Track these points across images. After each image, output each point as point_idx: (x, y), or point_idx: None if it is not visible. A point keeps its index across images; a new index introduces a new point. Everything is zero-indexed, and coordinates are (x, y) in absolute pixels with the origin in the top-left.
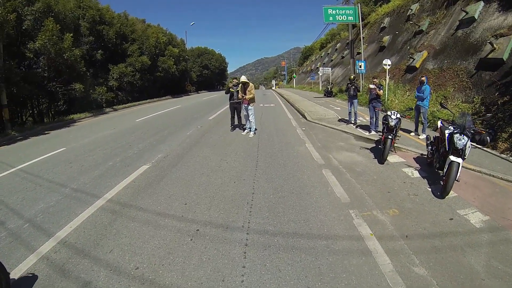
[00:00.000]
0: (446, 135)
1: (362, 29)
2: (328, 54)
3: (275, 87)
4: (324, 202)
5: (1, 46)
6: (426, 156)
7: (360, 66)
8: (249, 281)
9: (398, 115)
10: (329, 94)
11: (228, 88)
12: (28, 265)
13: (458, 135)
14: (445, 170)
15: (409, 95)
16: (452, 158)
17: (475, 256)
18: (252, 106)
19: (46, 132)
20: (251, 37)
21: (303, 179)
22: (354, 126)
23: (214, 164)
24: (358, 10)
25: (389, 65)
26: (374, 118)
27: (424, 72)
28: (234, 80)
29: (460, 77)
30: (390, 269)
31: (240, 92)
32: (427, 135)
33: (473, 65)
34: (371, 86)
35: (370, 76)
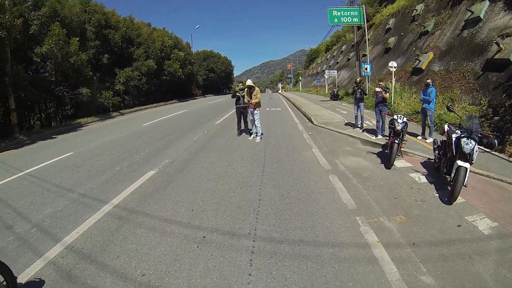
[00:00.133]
0: (453, 139)
1: (367, 30)
2: (333, 56)
3: (281, 91)
4: (330, 209)
5: (8, 51)
6: (433, 160)
7: (366, 69)
8: None
9: (405, 119)
10: (335, 97)
11: (234, 92)
12: (35, 269)
13: (465, 139)
14: (452, 175)
15: (415, 98)
16: (459, 163)
17: (483, 264)
18: (258, 111)
19: (54, 136)
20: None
21: (310, 185)
22: (361, 130)
23: (220, 169)
24: (363, 12)
25: (395, 67)
26: (381, 122)
27: (430, 74)
28: (240, 84)
29: (466, 78)
30: (397, 277)
31: (246, 96)
32: (434, 139)
33: (479, 66)
34: (377, 89)
35: (376, 78)
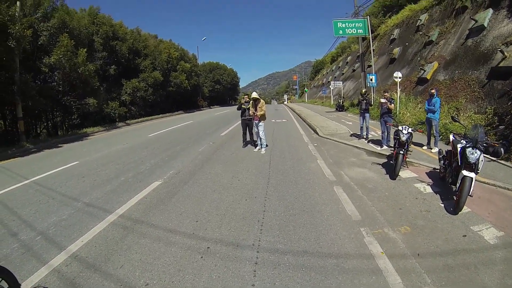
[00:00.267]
0: (459, 149)
1: (372, 41)
2: (339, 67)
3: (287, 102)
4: (335, 220)
5: (17, 60)
6: (438, 170)
7: (371, 79)
8: None
9: (410, 130)
10: (340, 108)
11: (240, 104)
12: (39, 277)
13: (470, 149)
14: (458, 185)
15: (420, 108)
16: (465, 172)
17: (489, 274)
18: (262, 123)
19: (60, 145)
20: (263, 51)
21: (314, 197)
22: (366, 141)
23: (225, 181)
24: (368, 23)
25: (400, 77)
26: (386, 133)
27: (435, 83)
28: (245, 96)
29: (471, 87)
30: None
31: (251, 108)
32: (440, 149)
33: (484, 74)
34: (382, 100)
35: (381, 89)
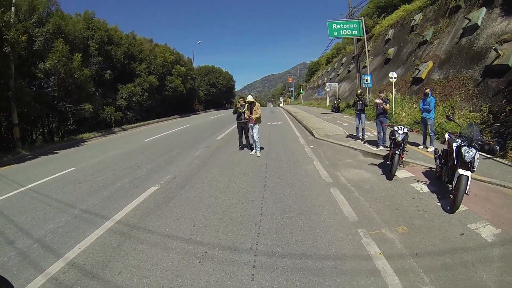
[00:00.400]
0: (454, 148)
1: (367, 42)
2: (334, 68)
3: (283, 104)
4: (332, 222)
5: (12, 66)
6: (435, 169)
7: (366, 80)
8: None
9: (405, 130)
10: (336, 109)
11: (235, 108)
12: (37, 285)
13: (466, 148)
14: (454, 184)
15: (416, 107)
16: (460, 171)
17: (487, 271)
18: (257, 126)
19: (56, 151)
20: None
21: (311, 199)
22: (362, 142)
23: (222, 185)
24: (362, 24)
25: (395, 77)
26: (382, 133)
27: (430, 83)
28: (241, 99)
29: (466, 86)
30: None
31: (246, 111)
32: (435, 148)
33: (479, 73)
34: (378, 101)
35: (377, 89)
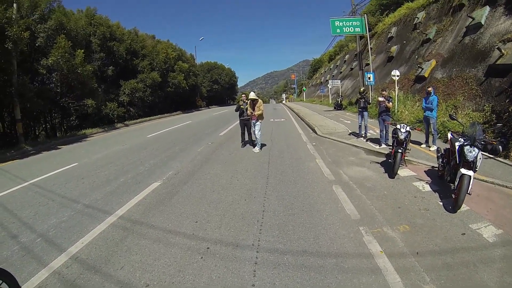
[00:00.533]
0: (457, 147)
1: (369, 40)
2: (337, 66)
3: (285, 101)
4: (334, 219)
5: (15, 62)
6: (437, 168)
7: (369, 78)
8: None
9: (408, 128)
10: (339, 107)
11: (238, 105)
12: (40, 279)
13: (468, 147)
14: (456, 183)
15: (418, 106)
16: (463, 171)
17: (488, 272)
18: (259, 122)
19: (59, 146)
20: (261, 50)
21: (313, 196)
22: (365, 140)
23: (224, 181)
24: (365, 21)
25: (397, 75)
26: (384, 131)
27: (433, 81)
28: (243, 95)
29: (469, 85)
30: (400, 287)
31: (249, 108)
32: (438, 147)
33: (482, 72)
34: (380, 99)
35: (380, 87)
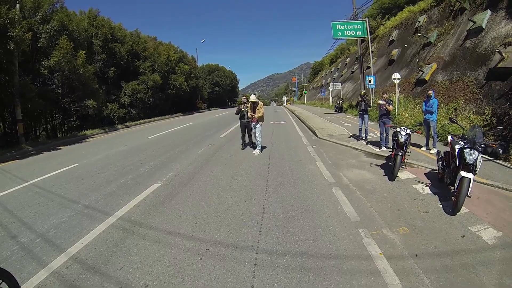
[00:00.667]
0: (456, 150)
1: (370, 43)
2: (338, 69)
3: (286, 104)
4: (333, 222)
5: (16, 63)
6: (437, 171)
7: (370, 81)
8: None
9: (408, 131)
10: (339, 110)
11: (238, 108)
12: (39, 279)
13: (468, 150)
14: (456, 186)
15: (419, 109)
16: (463, 173)
17: (487, 274)
18: (260, 124)
19: (59, 147)
20: (262, 53)
21: (313, 198)
22: (365, 143)
23: (224, 183)
24: (366, 25)
25: (398, 79)
26: (385, 134)
27: (433, 84)
28: (244, 98)
29: (470, 88)
30: None
31: (249, 110)
32: (438, 150)
33: (482, 75)
34: (381, 102)
35: (380, 90)
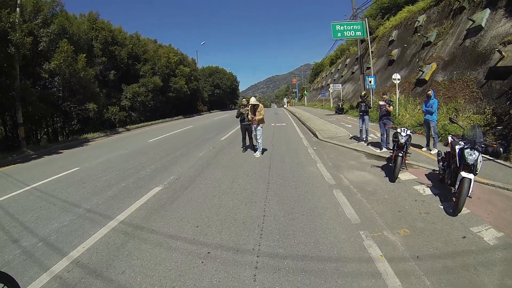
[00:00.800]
0: (457, 151)
1: (370, 43)
2: (338, 70)
3: (287, 105)
4: (334, 224)
5: (17, 67)
6: (438, 172)
7: (370, 82)
8: None
9: (408, 132)
10: (340, 111)
11: (239, 111)
12: (41, 283)
13: (468, 150)
14: (456, 187)
15: (419, 109)
16: (463, 174)
17: (489, 275)
18: (260, 127)
19: (60, 151)
20: (262, 55)
21: (314, 201)
22: (366, 144)
23: (225, 186)
24: (366, 25)
25: (398, 79)
26: (385, 135)
27: (433, 84)
28: (244, 100)
29: (470, 87)
30: None
31: (249, 113)
32: (439, 151)
33: (482, 74)
34: (381, 103)
35: (381, 91)
